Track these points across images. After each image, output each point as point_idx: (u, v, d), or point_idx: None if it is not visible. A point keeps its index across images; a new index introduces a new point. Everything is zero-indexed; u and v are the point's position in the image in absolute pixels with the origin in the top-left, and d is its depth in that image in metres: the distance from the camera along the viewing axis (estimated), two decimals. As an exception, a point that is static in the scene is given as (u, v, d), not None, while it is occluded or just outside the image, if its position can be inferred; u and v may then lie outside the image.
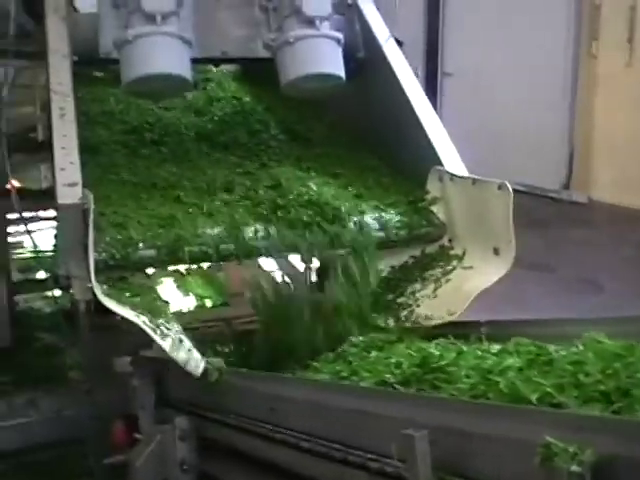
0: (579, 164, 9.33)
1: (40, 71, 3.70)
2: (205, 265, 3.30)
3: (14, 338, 4.18)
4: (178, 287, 4.77)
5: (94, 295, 2.44)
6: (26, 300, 4.82)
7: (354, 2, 3.55)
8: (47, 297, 4.81)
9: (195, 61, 3.16)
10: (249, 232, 2.79)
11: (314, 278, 3.41)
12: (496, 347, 2.15)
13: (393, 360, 2.17)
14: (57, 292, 4.71)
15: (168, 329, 2.35)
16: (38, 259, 4.95)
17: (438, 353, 2.10)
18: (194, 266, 3.17)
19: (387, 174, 3.30)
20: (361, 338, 2.61)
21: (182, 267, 3.78)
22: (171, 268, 3.86)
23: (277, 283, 3.00)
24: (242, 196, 2.99)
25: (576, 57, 9.23)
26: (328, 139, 3.63)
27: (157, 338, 2.29)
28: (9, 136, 3.75)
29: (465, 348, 2.16)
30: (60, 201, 2.55)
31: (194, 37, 3.10)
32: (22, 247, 5.02)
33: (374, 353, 2.42)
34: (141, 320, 2.33)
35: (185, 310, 4.32)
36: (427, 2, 11.04)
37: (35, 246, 4.80)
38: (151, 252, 2.66)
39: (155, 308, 2.46)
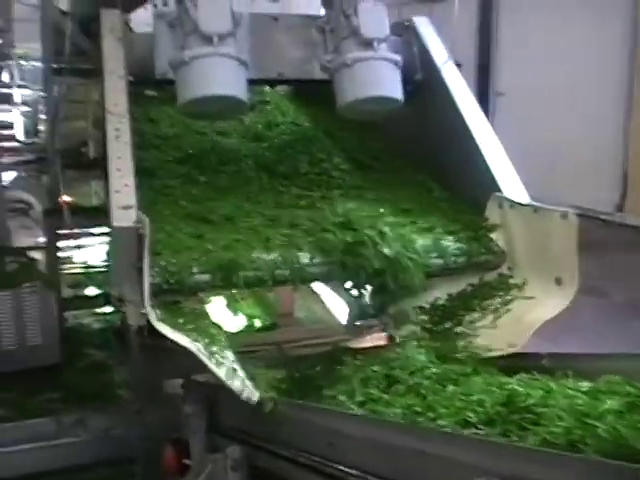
0: (633, 186, 9.16)
1: (92, 87, 3.71)
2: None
3: (64, 354, 4.17)
4: (228, 306, 4.75)
5: (147, 320, 2.41)
6: (76, 316, 4.80)
7: (411, 24, 3.51)
8: (97, 314, 4.81)
9: (251, 82, 3.14)
10: (304, 258, 2.74)
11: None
12: (585, 384, 2.01)
13: (474, 397, 2.03)
14: (107, 309, 4.73)
15: (223, 357, 2.30)
16: (88, 275, 4.96)
17: (523, 390, 1.97)
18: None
19: (445, 198, 3.24)
20: (433, 370, 2.42)
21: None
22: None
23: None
24: (307, 227, 2.91)
25: (631, 77, 9.05)
26: (387, 163, 3.58)
27: (212, 366, 2.24)
28: (61, 151, 3.76)
29: (553, 385, 2.02)
30: (115, 224, 2.52)
31: (250, 58, 3.09)
32: (72, 263, 5.01)
33: (450, 387, 2.24)
34: (196, 347, 2.28)
35: (236, 332, 4.28)
36: (479, 20, 10.97)
37: (85, 262, 4.82)
38: (205, 277, 2.61)
39: (209, 335, 2.41)
